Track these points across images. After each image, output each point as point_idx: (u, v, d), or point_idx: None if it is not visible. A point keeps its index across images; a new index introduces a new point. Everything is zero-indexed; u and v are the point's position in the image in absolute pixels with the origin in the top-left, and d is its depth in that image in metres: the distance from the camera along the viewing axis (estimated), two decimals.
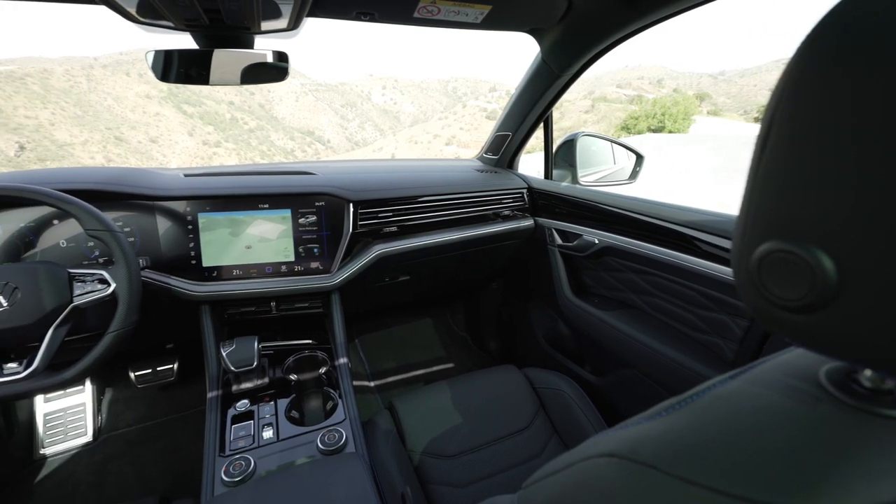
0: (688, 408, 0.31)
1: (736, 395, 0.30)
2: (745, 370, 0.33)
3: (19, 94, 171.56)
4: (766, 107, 0.27)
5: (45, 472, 1.49)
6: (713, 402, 0.30)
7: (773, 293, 0.26)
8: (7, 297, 0.85)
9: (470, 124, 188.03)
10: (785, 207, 0.25)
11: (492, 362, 2.10)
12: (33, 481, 1.46)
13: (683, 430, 0.28)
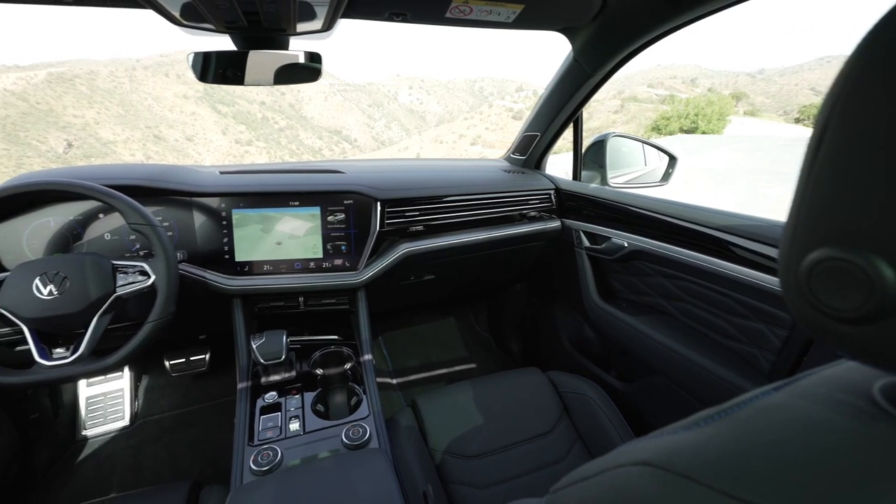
0: (728, 419, 0.30)
1: (781, 409, 0.28)
2: (790, 382, 0.32)
3: (68, 94, 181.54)
4: (820, 107, 0.25)
5: (86, 452, 1.57)
6: (756, 415, 0.29)
7: (824, 303, 0.25)
8: (57, 285, 0.90)
9: (496, 124, 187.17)
10: (840, 213, 0.24)
11: (514, 364, 2.09)
12: (75, 461, 1.54)
13: (724, 441, 0.27)
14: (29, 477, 1.46)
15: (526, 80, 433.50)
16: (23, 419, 1.48)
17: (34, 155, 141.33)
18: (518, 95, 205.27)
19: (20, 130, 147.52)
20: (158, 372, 1.80)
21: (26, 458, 1.47)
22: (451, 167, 1.63)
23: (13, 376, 0.88)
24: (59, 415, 1.60)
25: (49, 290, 0.90)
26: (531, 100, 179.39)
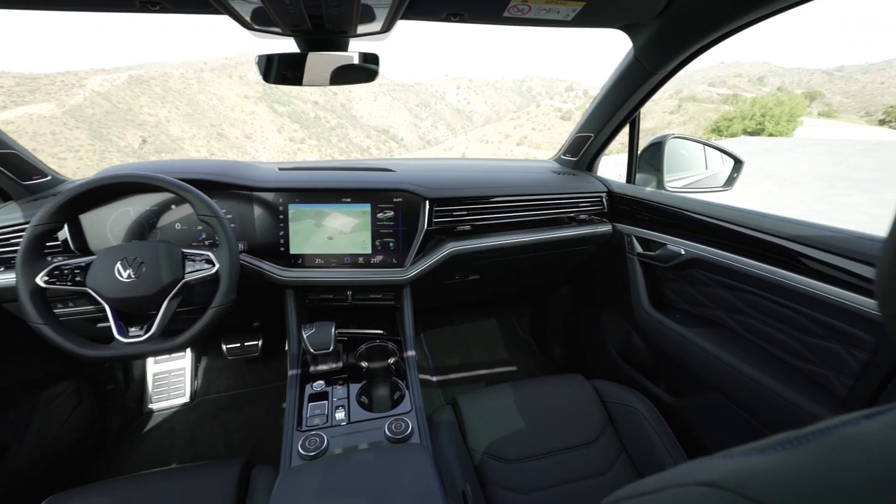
0: (809, 446, 0.27)
1: (876, 440, 0.26)
2: (884, 411, 0.29)
3: (145, 94, 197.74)
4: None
5: (152, 424, 1.71)
6: (843, 444, 0.26)
7: None
8: (135, 270, 0.99)
9: (543, 124, 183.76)
10: None
11: (555, 369, 2.04)
12: (142, 431, 1.68)
13: (805, 470, 0.25)
14: (105, 441, 1.61)
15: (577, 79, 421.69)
16: (100, 390, 1.63)
17: (114, 150, 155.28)
18: (567, 95, 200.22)
19: (103, 127, 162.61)
20: (216, 354, 1.93)
21: (102, 424, 1.62)
22: (500, 167, 1.62)
23: (96, 350, 0.97)
24: (129, 388, 1.75)
25: (128, 273, 0.98)
26: (581, 100, 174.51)
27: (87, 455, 1.54)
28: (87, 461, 1.53)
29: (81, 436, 1.51)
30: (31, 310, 0.95)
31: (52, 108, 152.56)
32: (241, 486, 0.94)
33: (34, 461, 1.28)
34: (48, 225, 0.98)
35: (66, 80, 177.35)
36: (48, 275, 0.97)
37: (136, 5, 0.78)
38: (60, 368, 1.46)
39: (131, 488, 0.93)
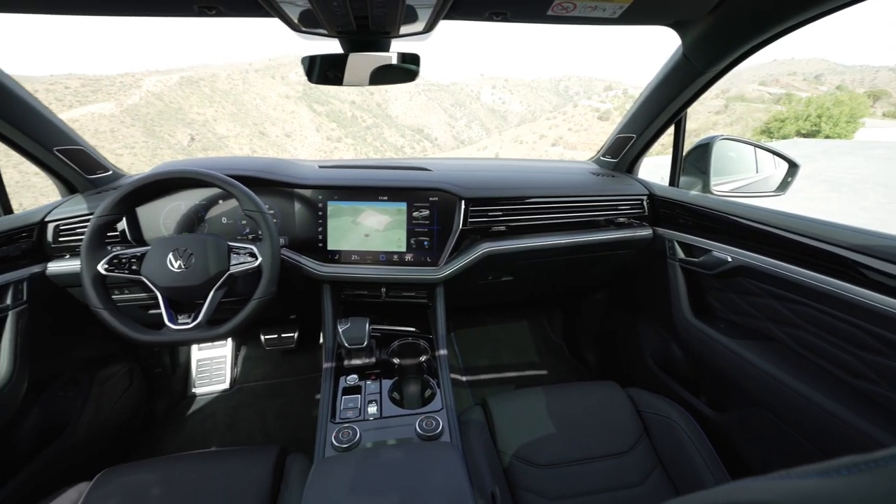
0: (881, 472, 0.25)
1: None
2: None
3: (194, 95, 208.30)
4: None
5: (195, 407, 1.80)
6: None
7: None
8: (185, 260, 1.04)
9: (580, 125, 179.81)
10: None
11: (587, 375, 2.00)
12: (186, 413, 1.77)
13: (877, 498, 0.23)
14: (152, 420, 1.71)
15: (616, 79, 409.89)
16: (149, 373, 1.73)
17: (165, 147, 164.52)
18: (606, 95, 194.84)
19: (156, 125, 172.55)
20: (254, 344, 2.01)
21: (150, 405, 1.72)
22: (537, 168, 1.60)
23: (148, 335, 1.03)
24: (175, 372, 1.85)
25: (179, 264, 1.04)
26: (620, 100, 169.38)
27: (136, 433, 1.64)
28: (135, 439, 1.63)
29: (131, 415, 1.61)
30: (92, 295, 1.02)
31: (112, 107, 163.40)
32: (276, 473, 0.98)
33: (90, 436, 1.37)
34: (110, 216, 1.05)
35: (125, 81, 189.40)
36: (108, 263, 1.04)
37: (194, 10, 0.83)
38: (115, 351, 1.56)
39: (176, 467, 0.98)
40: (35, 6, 0.82)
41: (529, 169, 1.58)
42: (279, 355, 2.01)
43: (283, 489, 0.95)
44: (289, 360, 2.01)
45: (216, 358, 1.94)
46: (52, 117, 1.16)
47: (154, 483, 0.93)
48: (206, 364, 1.92)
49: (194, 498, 0.91)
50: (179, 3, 0.81)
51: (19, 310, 1.10)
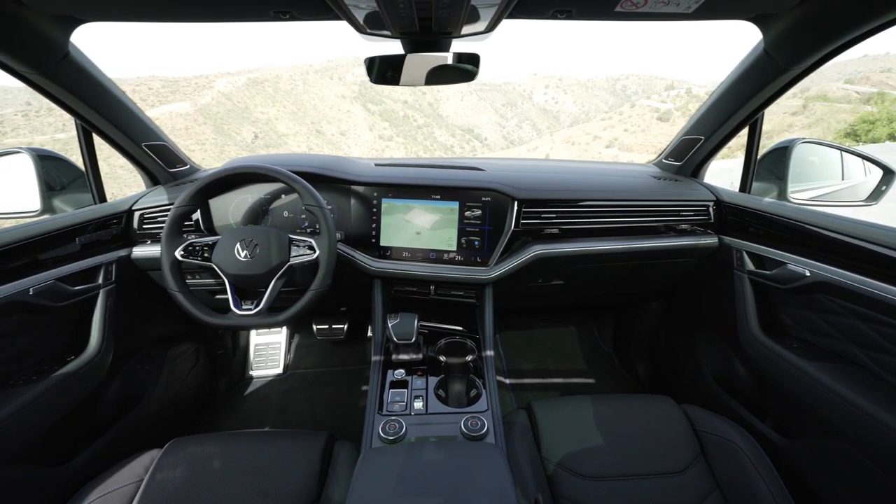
0: None
1: None
2: None
3: (259, 95, 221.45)
4: None
5: (251, 389, 1.91)
6: None
7: None
8: (251, 251, 1.11)
9: (637, 126, 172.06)
10: None
11: (638, 388, 1.91)
12: (243, 394, 1.89)
13: None
14: (213, 398, 1.84)
15: (678, 77, 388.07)
16: (213, 353, 1.86)
17: (231, 144, 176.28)
18: (667, 94, 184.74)
19: (225, 124, 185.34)
20: (307, 333, 2.10)
21: (212, 383, 1.85)
22: (594, 170, 1.55)
23: (216, 318, 1.11)
24: (235, 354, 1.98)
25: (245, 253, 1.11)
26: (683, 99, 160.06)
27: (199, 409, 1.77)
28: (199, 414, 1.76)
29: (196, 391, 1.74)
30: (170, 279, 1.11)
31: (187, 106, 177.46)
32: (325, 458, 1.02)
33: (161, 408, 1.50)
34: (187, 207, 1.14)
35: (199, 83, 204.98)
36: (184, 250, 1.13)
37: (269, 15, 0.88)
38: (184, 332, 1.70)
39: (235, 443, 1.05)
40: (128, 15, 0.90)
41: (585, 171, 1.54)
42: (329, 345, 2.10)
43: (331, 474, 0.98)
44: (337, 351, 2.09)
45: (272, 344, 2.05)
46: (141, 115, 1.28)
47: (215, 456, 1.00)
48: (262, 349, 2.03)
49: (250, 474, 0.96)
50: (256, 9, 0.86)
51: (108, 289, 1.22)
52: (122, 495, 0.92)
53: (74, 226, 1.17)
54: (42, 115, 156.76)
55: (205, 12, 0.88)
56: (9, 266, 1.01)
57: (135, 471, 0.98)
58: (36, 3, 0.82)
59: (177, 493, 0.92)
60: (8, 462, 0.95)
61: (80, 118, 1.15)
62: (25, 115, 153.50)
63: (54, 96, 1.04)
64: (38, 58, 0.93)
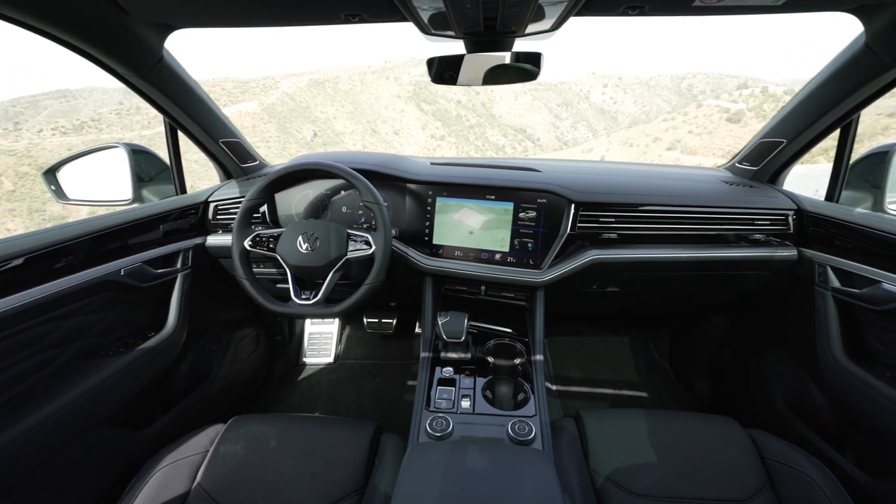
0: None
1: None
2: None
3: (320, 95, 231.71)
4: None
5: (304, 375, 2.01)
6: None
7: None
8: (311, 243, 1.16)
9: (702, 127, 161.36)
10: None
11: (696, 406, 1.79)
12: (297, 379, 1.99)
13: None
14: (269, 380, 1.96)
15: (753, 75, 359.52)
16: (271, 339, 1.98)
17: (292, 141, 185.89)
18: (739, 94, 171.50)
19: (287, 122, 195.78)
20: (357, 325, 2.18)
21: (269, 367, 1.97)
22: (657, 173, 1.47)
23: (277, 306, 1.17)
24: (291, 341, 2.09)
25: (306, 246, 1.16)
26: (757, 99, 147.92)
27: (257, 389, 1.88)
28: (256, 394, 1.87)
29: (255, 373, 1.85)
30: (239, 266, 1.19)
31: (254, 106, 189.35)
32: (372, 448, 1.05)
33: (224, 387, 1.61)
34: (256, 200, 1.21)
35: (266, 84, 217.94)
36: (251, 240, 1.20)
37: (340, 18, 0.91)
38: (248, 317, 1.81)
39: (290, 425, 1.11)
40: (215, 21, 0.98)
41: (647, 174, 1.46)
42: (378, 339, 2.15)
43: (378, 464, 1.01)
44: (386, 345, 2.14)
45: (325, 333, 2.14)
46: (220, 114, 1.38)
47: (272, 435, 1.06)
48: (316, 338, 2.13)
49: (303, 456, 1.01)
50: (329, 12, 0.90)
51: (185, 273, 1.33)
52: (190, 463, 1.00)
53: (159, 214, 1.29)
54: (131, 114, 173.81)
55: (282, 16, 0.93)
56: (105, 248, 1.12)
57: (202, 442, 1.06)
58: (138, 11, 0.91)
59: (238, 466, 0.99)
60: (100, 423, 1.06)
61: (169, 116, 1.26)
62: (118, 113, 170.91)
63: (148, 96, 1.15)
64: (138, 61, 1.03)
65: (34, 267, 0.95)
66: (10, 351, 0.89)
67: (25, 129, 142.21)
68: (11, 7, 0.79)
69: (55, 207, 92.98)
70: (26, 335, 0.92)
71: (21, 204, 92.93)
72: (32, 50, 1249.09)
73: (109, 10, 0.88)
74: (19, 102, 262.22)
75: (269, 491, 0.94)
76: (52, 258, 0.99)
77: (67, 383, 0.98)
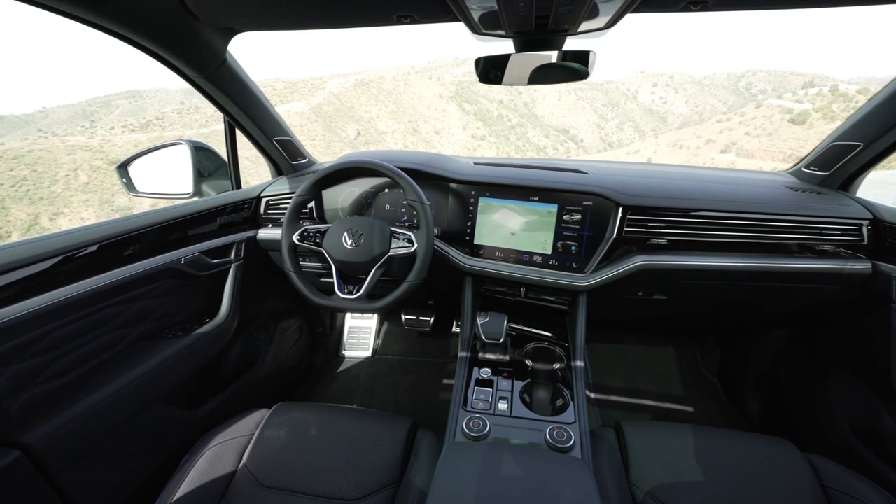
0: None
1: None
2: None
3: (364, 95, 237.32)
4: None
5: (343, 367, 2.06)
6: None
7: None
8: (356, 240, 1.19)
9: (761, 128, 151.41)
10: None
11: (746, 425, 1.69)
12: (335, 371, 2.04)
13: None
14: (310, 370, 2.02)
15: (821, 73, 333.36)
16: (313, 330, 2.04)
17: (337, 140, 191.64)
18: (804, 93, 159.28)
19: (332, 122, 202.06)
20: (395, 322, 2.21)
21: (310, 358, 2.04)
22: (712, 177, 1.40)
23: (322, 299, 1.21)
24: (332, 334, 2.15)
25: (351, 242, 1.19)
26: (825, 98, 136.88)
27: (298, 378, 1.95)
28: (297, 383, 1.94)
29: (297, 363, 1.92)
30: (287, 260, 1.24)
31: (302, 106, 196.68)
32: (408, 443, 1.06)
33: (269, 374, 1.69)
34: (305, 196, 1.26)
35: (314, 84, 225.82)
36: (300, 235, 1.25)
37: (393, 20, 0.93)
38: (292, 308, 1.89)
39: (330, 414, 1.14)
40: (275, 25, 1.02)
41: (701, 177, 1.39)
42: (415, 336, 2.18)
43: (413, 460, 1.02)
44: (422, 342, 2.16)
45: (364, 328, 2.19)
46: (274, 113, 1.44)
47: (313, 423, 1.10)
48: (355, 332, 2.18)
49: (342, 445, 1.04)
50: (382, 14, 0.92)
51: (238, 264, 1.40)
52: (237, 445, 1.06)
53: (217, 208, 1.37)
54: (191, 113, 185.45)
55: (337, 18, 0.96)
56: (168, 238, 1.21)
57: (248, 425, 1.11)
58: (206, 16, 0.96)
59: (281, 450, 1.03)
60: (158, 401, 1.14)
61: (228, 115, 1.33)
62: (179, 112, 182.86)
63: (211, 96, 1.22)
64: (204, 63, 1.10)
65: (106, 254, 1.03)
66: (85, 329, 0.98)
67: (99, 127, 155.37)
68: (96, 13, 0.86)
69: (121, 199, 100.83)
70: (99, 316, 1.00)
71: (94, 195, 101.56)
72: (108, 53, 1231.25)
73: (181, 16, 0.94)
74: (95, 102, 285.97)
75: (309, 476, 0.98)
76: (121, 246, 1.07)
77: (133, 362, 1.06)
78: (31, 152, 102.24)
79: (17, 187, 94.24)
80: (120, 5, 0.86)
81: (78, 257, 0.96)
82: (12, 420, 0.84)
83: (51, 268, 0.91)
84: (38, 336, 0.88)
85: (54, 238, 0.94)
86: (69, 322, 0.94)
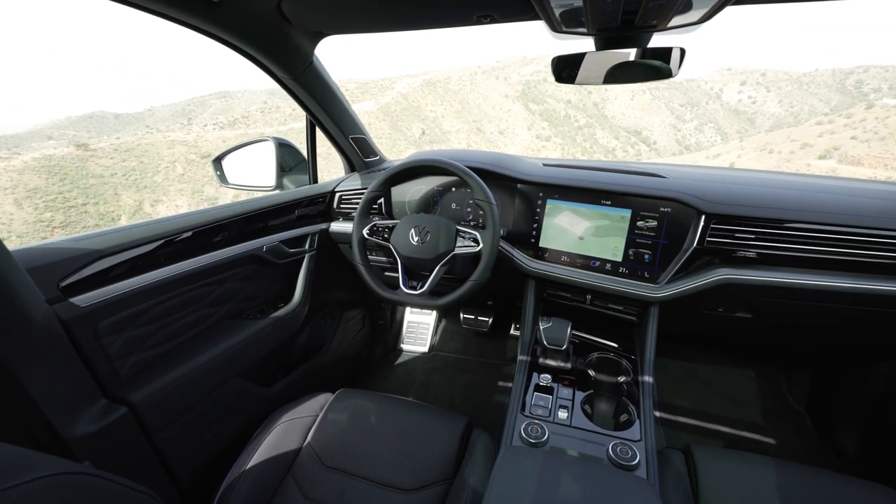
0: None
1: None
2: None
3: (430, 95, 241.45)
4: None
5: (400, 360, 2.12)
6: None
7: None
8: (422, 237, 1.21)
9: (872, 132, 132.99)
10: None
11: (838, 465, 1.50)
12: (393, 363, 2.10)
13: None
14: (370, 360, 2.10)
15: None
16: (375, 322, 2.12)
17: (402, 139, 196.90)
18: None
19: (399, 121, 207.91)
20: (453, 320, 2.23)
21: (370, 348, 2.12)
22: (813, 186, 1.25)
23: (387, 293, 1.25)
24: (392, 327, 2.22)
25: (417, 239, 1.22)
26: None
27: (358, 367, 2.04)
28: (358, 371, 2.03)
29: (359, 352, 2.01)
30: (357, 253, 1.30)
31: (372, 105, 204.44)
32: (463, 441, 1.06)
33: (333, 360, 1.78)
34: (376, 192, 1.31)
35: (383, 84, 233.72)
36: (369, 230, 1.30)
37: (472, 20, 0.94)
38: (357, 299, 1.97)
39: (390, 404, 1.18)
40: (360, 28, 1.07)
41: (798, 185, 1.25)
42: (472, 335, 2.18)
43: (468, 458, 1.02)
44: (479, 342, 2.16)
45: (422, 323, 2.24)
46: (352, 112, 1.51)
47: (372, 411, 1.14)
48: (414, 327, 2.24)
49: (399, 435, 1.07)
50: (462, 15, 0.93)
51: (311, 254, 1.49)
52: (303, 424, 1.13)
53: (295, 201, 1.46)
54: (272, 112, 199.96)
55: (418, 19, 0.99)
56: (252, 227, 1.31)
57: (313, 407, 1.18)
58: (298, 21, 1.03)
59: (342, 433, 1.08)
60: (238, 376, 1.24)
61: (311, 114, 1.42)
62: (262, 111, 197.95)
63: (297, 96, 1.31)
64: (294, 65, 1.18)
65: (199, 240, 1.14)
66: (182, 306, 1.09)
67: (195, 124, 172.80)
68: (204, 21, 0.96)
69: (210, 189, 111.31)
70: (192, 294, 1.12)
71: (187, 185, 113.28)
72: (204, 58, 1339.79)
73: (277, 21, 1.02)
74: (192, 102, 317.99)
75: (367, 461, 1.02)
76: (212, 233, 1.18)
77: (219, 338, 1.17)
78: (140, 146, 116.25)
79: (126, 176, 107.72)
80: (225, 13, 0.95)
81: (176, 241, 1.08)
82: (122, 380, 0.96)
83: (154, 249, 1.03)
84: (144, 308, 1.00)
85: (157, 224, 1.06)
86: (169, 298, 1.05)
